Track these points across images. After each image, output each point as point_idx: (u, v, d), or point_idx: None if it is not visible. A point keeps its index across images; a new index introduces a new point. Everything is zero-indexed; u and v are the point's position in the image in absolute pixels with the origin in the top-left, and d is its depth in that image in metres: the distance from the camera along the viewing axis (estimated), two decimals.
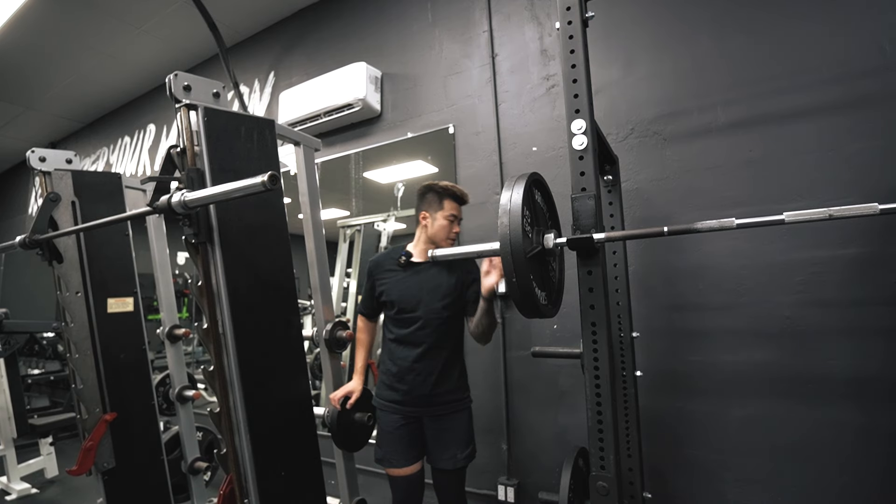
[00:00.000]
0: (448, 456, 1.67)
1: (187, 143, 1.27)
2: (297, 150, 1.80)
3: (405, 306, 1.69)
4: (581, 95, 1.09)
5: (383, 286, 1.74)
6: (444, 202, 1.72)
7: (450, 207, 1.72)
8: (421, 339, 1.68)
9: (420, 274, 1.72)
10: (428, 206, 1.75)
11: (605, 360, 1.06)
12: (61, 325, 1.87)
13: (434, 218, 1.73)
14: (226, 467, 1.34)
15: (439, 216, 1.72)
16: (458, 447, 1.69)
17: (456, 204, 1.74)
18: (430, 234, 1.74)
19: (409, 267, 1.73)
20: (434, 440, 1.70)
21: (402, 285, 1.72)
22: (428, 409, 1.69)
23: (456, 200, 1.74)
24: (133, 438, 1.93)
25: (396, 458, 1.68)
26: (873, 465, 1.49)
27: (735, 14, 1.75)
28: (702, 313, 1.77)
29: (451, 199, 1.73)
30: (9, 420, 3.14)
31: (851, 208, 0.87)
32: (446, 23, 2.48)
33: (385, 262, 1.77)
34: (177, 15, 3.16)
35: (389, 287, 1.73)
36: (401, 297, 1.70)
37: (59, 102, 4.43)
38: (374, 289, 1.78)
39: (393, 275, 1.74)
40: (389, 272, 1.75)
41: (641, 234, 1.08)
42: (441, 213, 1.72)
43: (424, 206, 1.76)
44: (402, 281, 1.72)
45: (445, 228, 1.72)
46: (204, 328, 1.31)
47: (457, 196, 1.74)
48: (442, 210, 1.72)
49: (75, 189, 1.86)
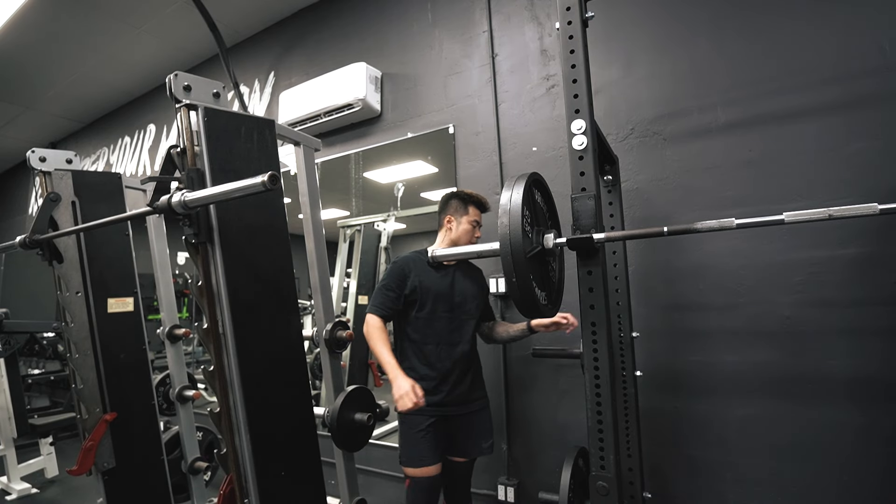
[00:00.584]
0: (475, 445, 1.80)
1: (187, 143, 1.27)
2: (297, 150, 1.80)
3: (441, 304, 1.75)
4: (581, 95, 1.09)
5: (419, 282, 1.76)
6: (468, 208, 1.84)
7: (474, 213, 1.84)
8: (457, 338, 1.76)
9: (449, 276, 1.81)
10: (454, 211, 1.85)
11: (605, 360, 1.06)
12: (61, 325, 1.87)
13: (459, 222, 1.83)
14: (226, 467, 1.34)
15: (464, 221, 1.83)
16: (485, 438, 1.82)
17: (479, 211, 1.86)
18: (453, 238, 1.83)
19: (441, 269, 1.80)
20: (464, 433, 1.78)
21: (440, 284, 1.77)
22: (464, 406, 1.78)
23: (479, 207, 1.86)
24: (133, 438, 1.93)
25: (428, 457, 1.71)
26: (873, 464, 1.49)
27: (735, 14, 1.75)
28: (702, 313, 1.77)
29: (475, 206, 1.85)
30: (9, 420, 3.14)
31: (851, 208, 0.87)
32: (446, 23, 2.48)
33: (417, 261, 1.80)
34: (177, 15, 3.16)
35: (427, 282, 1.76)
36: (438, 294, 1.76)
37: (60, 102, 4.43)
38: (403, 285, 1.76)
39: (427, 274, 1.78)
40: (424, 271, 1.78)
41: (641, 234, 1.08)
42: (466, 218, 1.83)
43: (450, 212, 1.86)
44: (438, 280, 1.78)
45: (469, 233, 1.82)
46: (204, 328, 1.31)
47: (481, 203, 1.87)
48: (467, 215, 1.83)
49: (75, 189, 1.86)
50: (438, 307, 1.76)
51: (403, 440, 1.75)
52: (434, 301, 1.75)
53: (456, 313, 1.78)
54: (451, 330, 1.76)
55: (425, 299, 1.75)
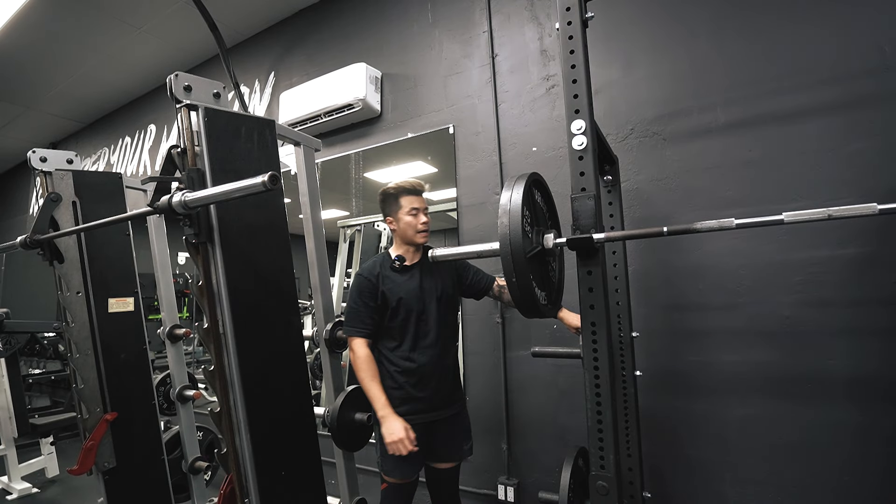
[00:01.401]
0: (456, 449, 1.76)
1: (188, 143, 1.27)
2: (298, 151, 1.81)
3: (414, 307, 1.69)
4: (581, 95, 1.09)
5: (387, 288, 1.70)
6: (399, 200, 1.75)
7: (407, 203, 1.74)
8: (434, 339, 1.71)
9: (415, 276, 1.74)
10: (389, 209, 1.78)
11: (605, 360, 1.06)
12: (62, 324, 1.87)
13: (398, 218, 1.75)
14: (226, 467, 1.34)
15: (401, 215, 1.74)
16: (465, 440, 1.79)
17: (412, 197, 1.75)
18: (400, 235, 1.77)
19: (406, 271, 1.75)
20: (445, 438, 1.74)
21: (407, 287, 1.71)
22: (446, 409, 1.74)
23: (411, 194, 1.76)
24: (134, 438, 1.93)
25: (410, 468, 1.68)
26: (873, 464, 1.49)
27: (734, 14, 1.75)
28: (701, 313, 1.77)
29: (406, 195, 1.75)
30: (10, 420, 3.14)
31: (850, 208, 0.87)
32: (446, 23, 2.48)
33: (380, 269, 1.74)
34: (177, 15, 3.16)
35: (394, 288, 1.70)
36: (408, 297, 1.69)
37: (60, 102, 4.44)
38: (375, 296, 1.70)
39: (392, 279, 1.72)
40: (388, 277, 1.72)
41: (641, 234, 1.08)
42: (402, 212, 1.74)
43: (387, 212, 1.79)
44: (404, 283, 1.72)
45: (411, 224, 1.73)
46: (204, 328, 1.32)
47: (409, 189, 1.76)
48: (401, 208, 1.74)
49: (76, 189, 1.86)
50: (412, 312, 1.69)
51: (383, 450, 1.68)
52: (406, 305, 1.69)
53: (429, 314, 1.71)
54: (427, 332, 1.70)
55: (397, 306, 1.69)
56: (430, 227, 1.76)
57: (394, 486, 1.69)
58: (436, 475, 1.78)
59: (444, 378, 1.73)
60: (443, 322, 1.74)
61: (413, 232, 1.74)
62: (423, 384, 1.68)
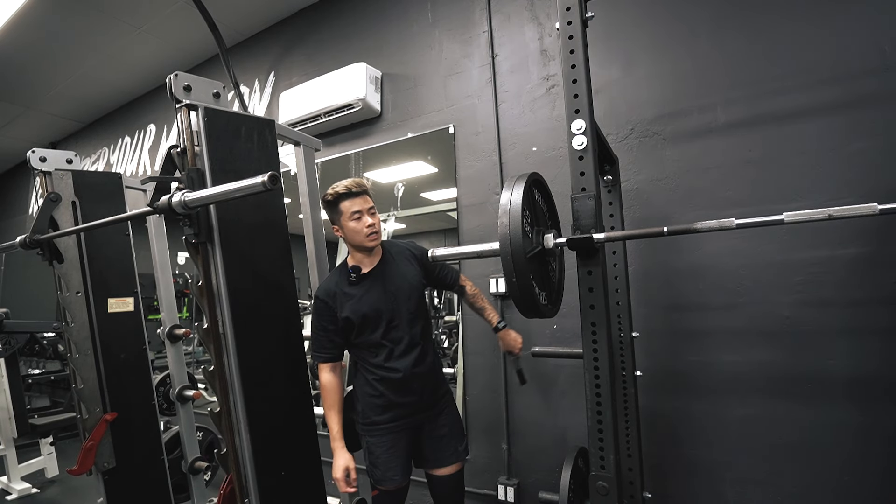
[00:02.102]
0: (451, 452, 1.67)
1: (187, 143, 1.27)
2: (297, 150, 1.81)
3: (383, 318, 1.59)
4: (581, 95, 1.09)
5: (346, 310, 1.58)
6: (339, 206, 1.61)
7: (347, 207, 1.60)
8: (409, 343, 1.61)
9: (377, 282, 1.63)
10: (332, 218, 1.66)
11: (605, 360, 1.06)
12: (62, 325, 1.87)
13: (342, 226, 1.62)
14: (226, 467, 1.34)
15: (344, 220, 1.61)
16: (457, 441, 1.70)
17: (351, 200, 1.60)
18: (350, 242, 1.64)
19: (363, 280, 1.62)
20: (434, 442, 1.66)
21: (369, 299, 1.59)
22: (432, 409, 1.66)
23: (349, 197, 1.60)
24: (133, 438, 1.93)
25: (399, 474, 1.62)
26: (873, 464, 1.49)
27: (735, 14, 1.75)
28: (702, 313, 1.77)
29: (344, 199, 1.61)
30: (9, 420, 3.14)
31: (851, 208, 0.87)
32: (446, 23, 2.48)
33: (336, 288, 1.62)
34: (177, 15, 3.16)
35: (355, 306, 1.58)
36: (373, 311, 1.58)
37: (60, 102, 4.43)
38: (334, 319, 1.59)
39: (351, 295, 1.60)
40: (346, 295, 1.60)
41: (641, 234, 1.08)
42: (343, 218, 1.61)
43: (332, 221, 1.67)
44: (365, 296, 1.60)
45: (355, 229, 1.60)
46: (204, 328, 1.32)
47: (347, 193, 1.61)
48: (342, 214, 1.61)
49: (76, 189, 1.86)
50: (381, 323, 1.59)
51: (373, 458, 1.62)
52: (372, 320, 1.58)
53: (399, 318, 1.61)
54: (401, 338, 1.60)
55: (362, 322, 1.58)
56: (378, 227, 1.62)
57: (384, 492, 1.64)
58: (434, 482, 1.71)
59: (427, 378, 1.65)
60: (415, 322, 1.64)
61: (361, 237, 1.59)
62: (404, 390, 1.60)
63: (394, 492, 1.64)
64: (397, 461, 1.61)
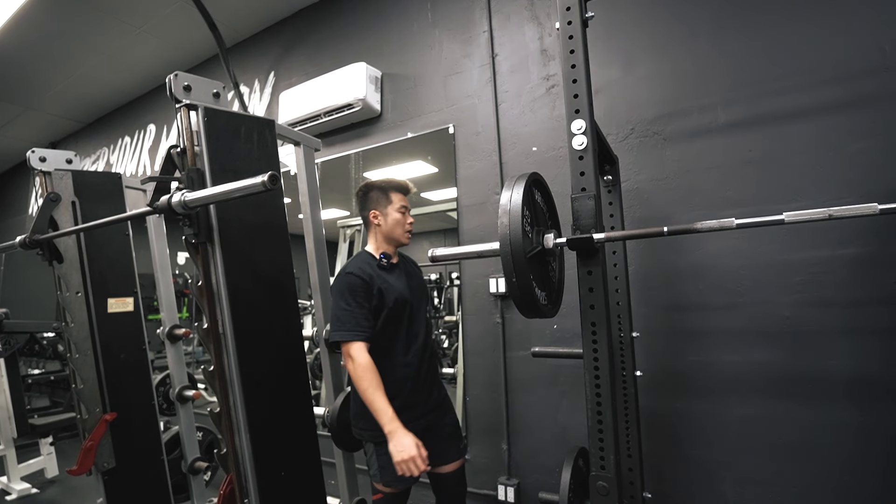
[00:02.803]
0: (454, 450, 1.72)
1: (187, 143, 1.27)
2: (297, 150, 1.80)
3: (407, 307, 1.63)
4: (581, 95, 1.09)
5: (383, 287, 1.59)
6: (390, 195, 1.67)
7: (398, 199, 1.67)
8: (424, 340, 1.67)
9: (402, 275, 1.69)
10: (375, 204, 1.68)
11: (605, 360, 1.06)
12: (61, 325, 1.87)
13: (386, 214, 1.66)
14: (226, 467, 1.34)
15: (391, 210, 1.66)
16: (458, 439, 1.76)
17: (402, 194, 1.69)
18: (385, 232, 1.67)
19: (393, 268, 1.67)
20: (439, 441, 1.66)
21: (397, 284, 1.64)
22: (439, 409, 1.69)
23: (402, 191, 1.69)
24: (133, 438, 1.93)
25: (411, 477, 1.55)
26: (873, 465, 1.49)
27: (735, 14, 1.75)
28: (702, 313, 1.77)
29: (397, 192, 1.68)
30: (9, 420, 3.14)
31: (851, 208, 0.87)
32: (446, 23, 2.48)
33: (370, 269, 1.62)
34: (177, 15, 3.16)
35: (389, 287, 1.61)
36: (400, 295, 1.61)
37: (59, 102, 4.43)
38: (369, 296, 1.56)
39: (384, 277, 1.63)
40: (380, 276, 1.62)
41: (641, 234, 1.08)
42: (392, 207, 1.66)
43: (371, 206, 1.68)
44: (395, 281, 1.64)
45: (400, 222, 1.66)
46: (204, 328, 1.31)
47: (402, 187, 1.70)
48: (392, 203, 1.66)
49: (75, 189, 1.86)
50: (405, 312, 1.62)
51: (384, 461, 1.52)
52: (401, 306, 1.61)
53: (418, 314, 1.67)
54: (418, 333, 1.64)
55: (394, 305, 1.59)
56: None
57: (390, 495, 1.60)
58: (438, 481, 1.71)
59: (434, 377, 1.71)
60: (426, 322, 1.71)
61: (402, 231, 1.67)
62: (418, 388, 1.62)
63: (399, 494, 1.64)
64: None
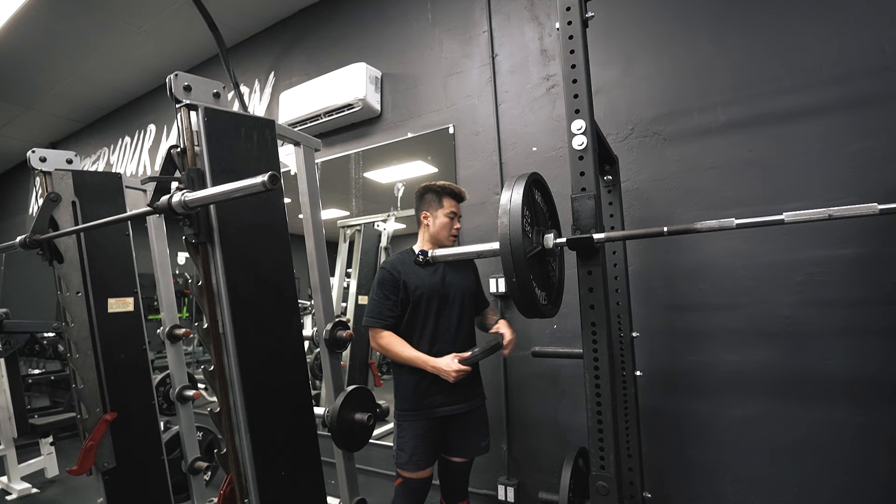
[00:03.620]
0: (473, 445, 1.79)
1: (187, 143, 1.27)
2: (297, 150, 1.80)
3: (436, 301, 1.72)
4: (581, 95, 1.09)
5: (410, 283, 1.71)
6: (443, 200, 1.78)
7: (449, 205, 1.79)
8: (454, 334, 1.74)
9: (439, 271, 1.77)
10: (428, 205, 1.80)
11: (605, 360, 1.06)
12: (61, 325, 1.87)
13: (435, 217, 1.78)
14: (226, 467, 1.34)
15: (440, 214, 1.78)
16: (483, 437, 1.82)
17: (454, 201, 1.80)
18: (432, 233, 1.79)
19: (429, 265, 1.76)
20: (463, 432, 1.76)
21: (430, 280, 1.74)
22: (465, 404, 1.75)
23: (454, 198, 1.80)
24: (133, 438, 1.93)
25: (425, 460, 1.71)
26: (873, 465, 1.49)
27: (735, 14, 1.75)
28: (702, 313, 1.77)
29: (450, 197, 1.79)
30: (9, 420, 3.14)
31: (851, 208, 0.87)
32: (446, 23, 2.48)
33: (402, 265, 1.75)
34: (177, 15, 3.16)
35: (417, 282, 1.72)
36: (431, 291, 1.72)
37: (59, 102, 4.43)
38: (398, 289, 1.72)
39: (415, 272, 1.74)
40: (411, 272, 1.74)
41: (641, 234, 1.08)
42: (441, 212, 1.78)
43: (424, 207, 1.81)
44: (427, 277, 1.74)
45: (447, 226, 1.78)
46: (204, 328, 1.31)
47: (455, 193, 1.81)
48: (442, 208, 1.78)
49: (76, 189, 1.86)
50: (432, 305, 1.72)
51: (402, 443, 1.72)
52: (427, 300, 1.72)
53: (450, 309, 1.75)
54: (448, 327, 1.73)
55: (419, 299, 1.71)
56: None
57: (409, 480, 1.71)
58: (448, 467, 1.81)
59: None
60: (464, 318, 1.77)
61: (446, 234, 1.78)
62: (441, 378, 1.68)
63: (416, 480, 1.71)
64: (425, 449, 1.70)
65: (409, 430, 1.72)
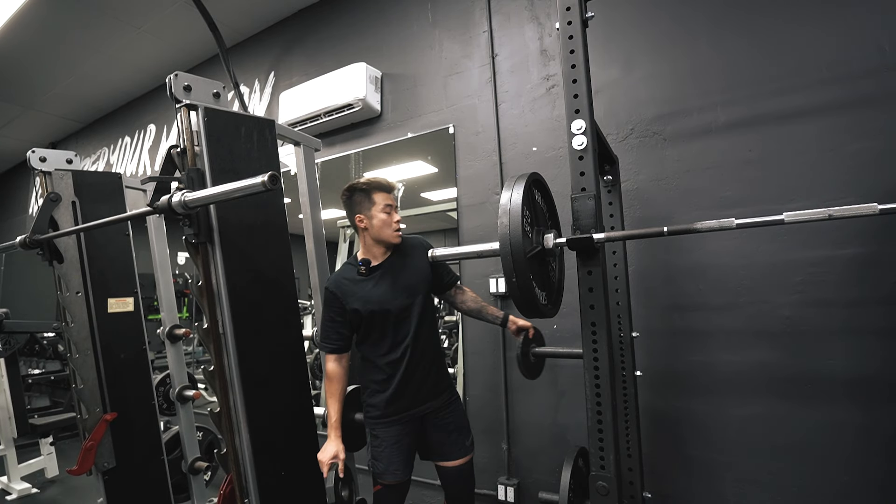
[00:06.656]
0: (458, 447, 1.70)
1: (187, 143, 1.27)
2: (297, 150, 1.81)
3: (391, 312, 1.61)
4: (581, 95, 1.09)
5: (356, 301, 1.60)
6: (373, 196, 1.63)
7: (382, 199, 1.63)
8: (414, 337, 1.62)
9: (386, 275, 1.65)
10: (359, 207, 1.65)
11: (605, 360, 1.06)
12: (62, 324, 1.87)
13: (371, 216, 1.63)
14: (226, 467, 1.34)
15: (375, 212, 1.62)
16: (463, 436, 1.72)
17: (386, 193, 1.65)
18: (374, 235, 1.64)
19: (372, 273, 1.64)
20: (439, 437, 1.69)
21: (377, 291, 1.62)
22: (433, 403, 1.67)
23: (385, 190, 1.65)
24: (133, 438, 1.93)
25: (401, 468, 1.63)
26: (873, 465, 1.49)
27: (734, 15, 1.75)
28: (702, 313, 1.77)
29: (380, 191, 1.64)
30: (9, 420, 3.14)
31: (851, 208, 0.87)
32: (446, 23, 2.48)
33: (344, 280, 1.64)
34: (177, 15, 3.16)
35: (364, 298, 1.60)
36: (380, 304, 1.60)
37: (59, 102, 4.43)
38: (342, 311, 1.61)
39: (360, 287, 1.62)
40: (355, 287, 1.62)
41: (641, 234, 1.09)
42: (375, 209, 1.62)
43: (356, 209, 1.65)
44: (374, 288, 1.62)
45: (387, 222, 1.63)
46: (204, 328, 1.32)
47: (384, 186, 1.66)
48: (375, 205, 1.63)
49: (76, 189, 1.86)
50: (389, 317, 1.61)
51: (376, 452, 1.64)
52: (380, 314, 1.60)
53: (407, 311, 1.63)
54: (407, 332, 1.62)
55: (370, 315, 1.60)
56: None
57: (387, 487, 1.64)
58: (442, 473, 1.74)
59: (428, 370, 1.66)
60: (422, 317, 1.65)
61: (390, 231, 1.63)
62: (405, 382, 1.62)
63: (395, 486, 1.64)
64: (399, 455, 1.62)
65: (381, 438, 1.64)
